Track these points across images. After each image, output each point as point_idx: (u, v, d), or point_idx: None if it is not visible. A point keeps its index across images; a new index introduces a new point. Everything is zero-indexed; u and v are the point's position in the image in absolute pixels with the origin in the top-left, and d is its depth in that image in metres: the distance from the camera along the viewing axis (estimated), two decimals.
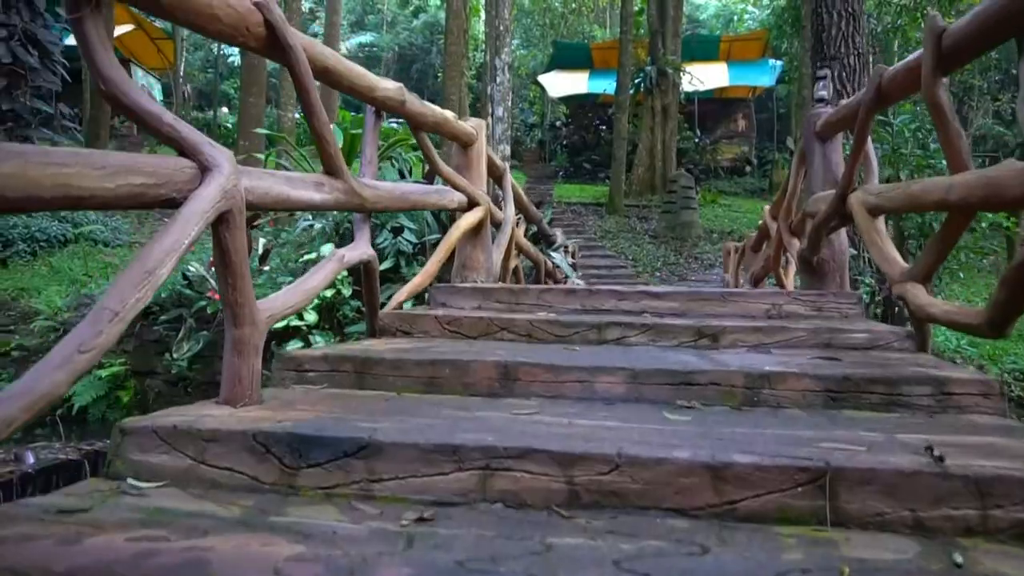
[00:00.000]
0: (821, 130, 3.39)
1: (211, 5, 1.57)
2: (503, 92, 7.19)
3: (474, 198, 3.50)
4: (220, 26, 1.64)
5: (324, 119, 2.03)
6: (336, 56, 2.20)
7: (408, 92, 2.77)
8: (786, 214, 4.12)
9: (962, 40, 1.84)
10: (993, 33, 1.71)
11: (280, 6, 10.35)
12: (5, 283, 6.35)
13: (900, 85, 2.33)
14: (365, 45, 33.54)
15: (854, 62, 6.48)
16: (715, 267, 10.69)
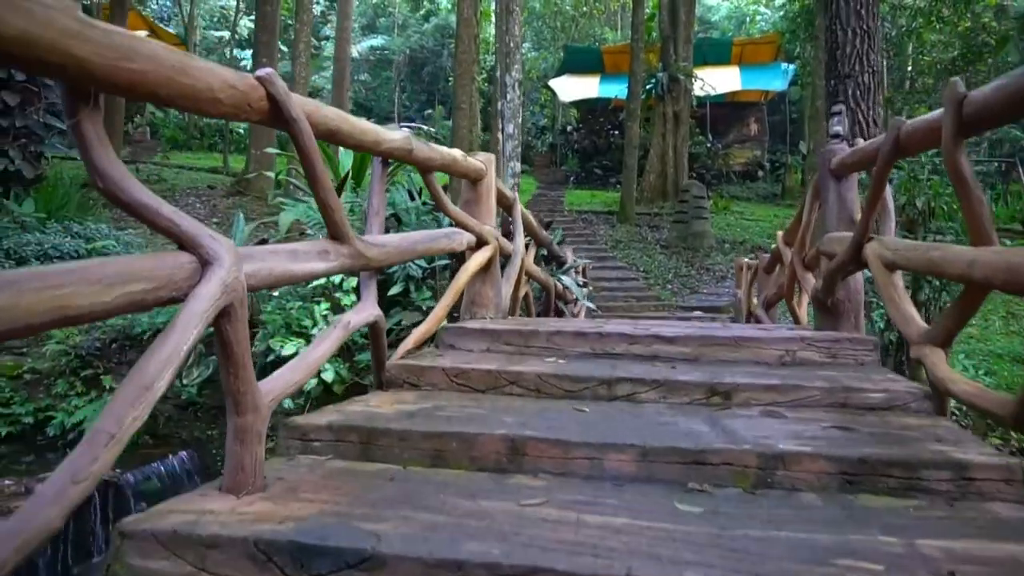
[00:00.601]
0: (836, 168, 3.33)
1: (212, 89, 1.54)
2: (513, 109, 7.15)
3: (483, 237, 3.46)
4: (222, 108, 1.62)
5: (328, 187, 2.00)
6: (340, 115, 2.17)
7: (414, 138, 2.74)
8: (800, 247, 4.06)
9: (984, 110, 1.78)
10: (1019, 108, 1.65)
11: (291, 11, 10.56)
12: None
13: (919, 141, 2.27)
14: (376, 48, 33.60)
15: (868, 80, 6.39)
16: (727, 279, 10.61)
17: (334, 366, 5.13)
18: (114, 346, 5.56)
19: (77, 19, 1.20)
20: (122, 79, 1.30)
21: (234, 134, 21.94)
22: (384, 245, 2.41)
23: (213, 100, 1.56)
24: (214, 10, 32.70)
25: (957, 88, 1.87)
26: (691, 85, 16.87)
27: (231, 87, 1.61)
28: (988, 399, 1.72)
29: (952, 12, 17.76)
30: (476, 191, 3.76)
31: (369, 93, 34.40)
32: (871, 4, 6.43)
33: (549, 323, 3.55)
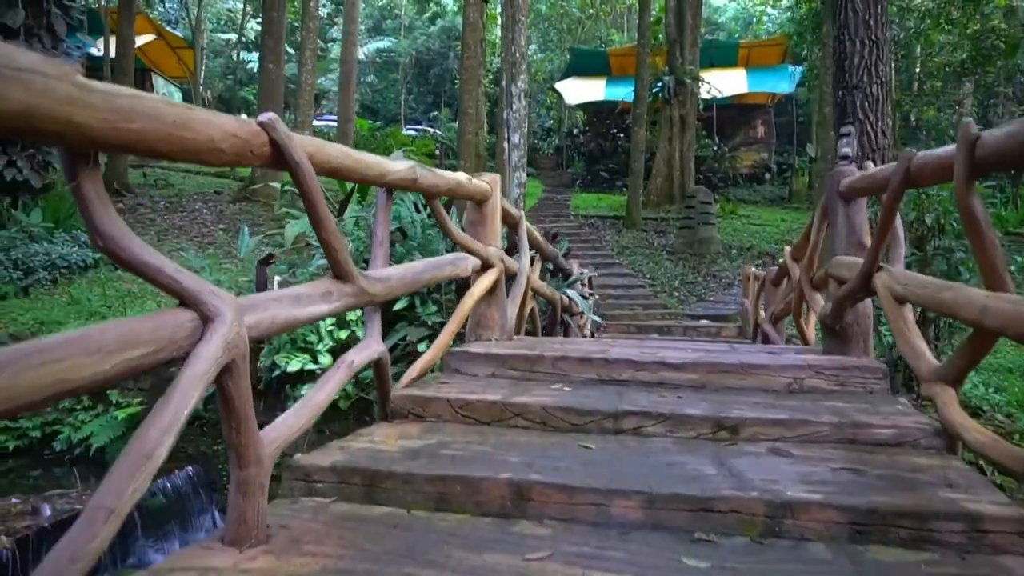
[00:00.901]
0: (845, 192, 3.30)
1: (213, 140, 1.53)
2: (519, 119, 7.13)
3: (488, 260, 3.45)
4: (224, 157, 1.60)
5: (332, 228, 1.99)
6: (343, 152, 2.15)
7: (419, 167, 2.72)
8: (808, 267, 4.03)
9: (996, 154, 1.75)
10: None
11: (298, 13, 10.55)
12: (26, 315, 6.40)
13: (929, 175, 2.24)
14: (383, 51, 33.65)
15: (877, 91, 6.34)
16: (733, 286, 10.56)
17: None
18: None
19: (76, 84, 1.18)
20: (122, 139, 1.28)
21: None
22: (388, 279, 2.39)
23: (215, 151, 1.54)
24: (221, 13, 32.80)
25: (970, 130, 1.84)
26: (697, 89, 16.82)
27: (233, 136, 1.59)
28: (1003, 452, 1.69)
29: (961, 14, 17.62)
30: (481, 212, 3.74)
31: (375, 95, 34.47)
32: (880, 14, 6.37)
33: (554, 346, 3.52)
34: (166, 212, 12.73)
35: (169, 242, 10.87)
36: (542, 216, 14.75)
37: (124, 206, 12.75)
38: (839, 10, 6.53)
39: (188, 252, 10.42)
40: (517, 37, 7.17)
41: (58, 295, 7.21)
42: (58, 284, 7.51)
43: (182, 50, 24.67)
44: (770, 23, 30.94)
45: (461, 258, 3.17)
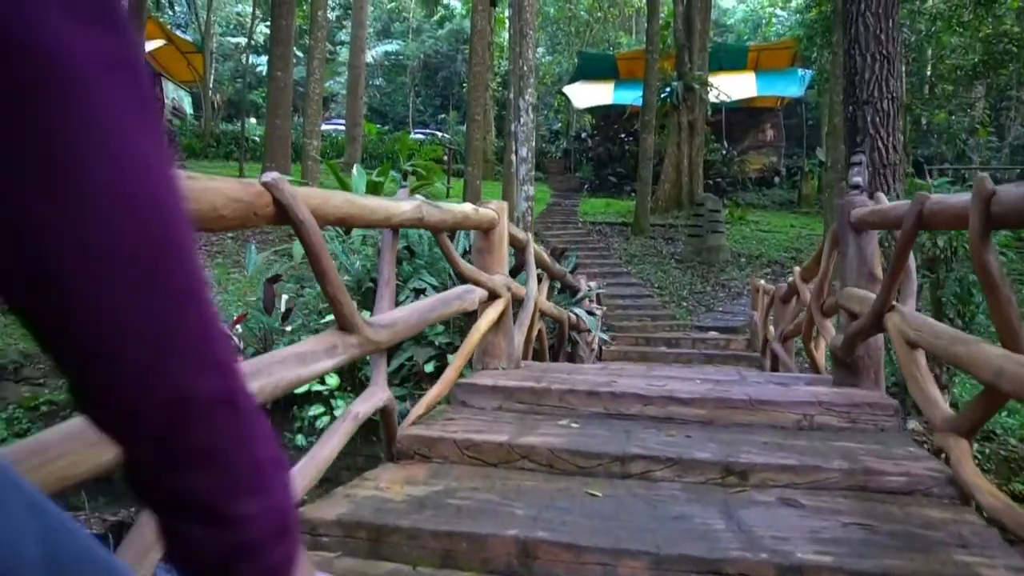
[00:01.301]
0: (856, 223, 3.26)
1: (216, 208, 1.52)
2: (527, 132, 7.11)
3: (495, 291, 3.43)
4: (227, 222, 1.60)
5: (336, 282, 1.98)
6: (348, 200, 2.15)
7: (425, 203, 2.70)
8: (818, 294, 3.99)
9: (1013, 212, 1.72)
10: None
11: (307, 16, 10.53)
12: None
13: (943, 222, 2.21)
14: (391, 54, 33.69)
15: (888, 106, 6.27)
16: (743, 295, 10.51)
17: (346, 400, 5.12)
18: None
19: None
20: None
21: (250, 142, 22.07)
22: (394, 324, 2.38)
23: (218, 218, 1.54)
24: (230, 17, 32.93)
25: (986, 185, 1.80)
26: (706, 95, 16.73)
27: (236, 201, 1.58)
28: (1016, 520, 1.66)
29: (973, 16, 17.47)
30: (488, 239, 3.73)
31: (384, 98, 34.52)
32: (891, 29, 6.31)
33: (561, 377, 3.50)
34: None
35: None
36: (550, 223, 14.72)
37: None
38: (850, 24, 6.47)
39: None
40: (525, 51, 7.16)
41: None
42: None
43: (191, 55, 24.79)
44: (779, 25, 30.78)
45: (468, 291, 3.16)
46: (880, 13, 6.30)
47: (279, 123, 13.66)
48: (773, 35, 30.93)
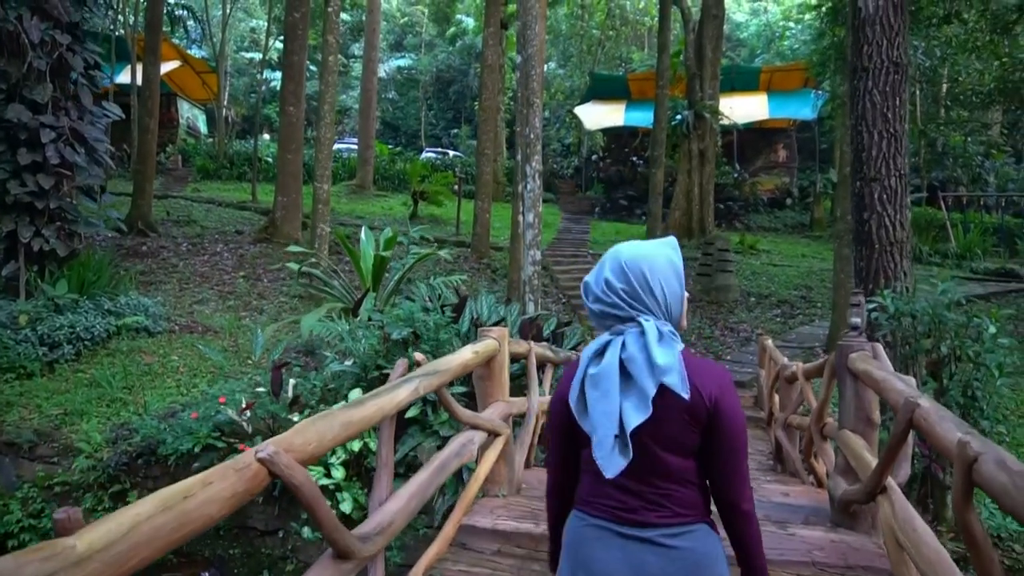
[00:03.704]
0: (853, 372, 3.28)
1: (213, 516, 1.57)
2: (534, 198, 7.14)
3: (495, 431, 3.48)
4: (223, 514, 1.65)
5: (334, 524, 2.03)
6: (346, 420, 2.19)
7: (423, 380, 2.74)
8: (818, 418, 4.01)
9: (987, 486, 1.74)
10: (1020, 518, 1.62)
11: (318, 35, 10.59)
12: (50, 401, 6.56)
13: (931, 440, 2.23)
14: (403, 68, 33.85)
15: (895, 183, 6.25)
16: (751, 341, 10.48)
17: (352, 494, 5.19)
18: (140, 461, 5.69)
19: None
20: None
21: (263, 163, 22.28)
22: (392, 523, 2.43)
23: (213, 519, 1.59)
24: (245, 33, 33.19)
25: (967, 451, 1.83)
26: (716, 124, 16.69)
27: (232, 497, 1.64)
28: None
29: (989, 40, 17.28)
30: (489, 367, 3.77)
31: (396, 112, 34.71)
32: (898, 107, 6.29)
33: None
34: (188, 255, 12.92)
35: (191, 291, 11.03)
36: (559, 256, 14.74)
37: (148, 249, 12.98)
38: (857, 101, 6.45)
39: (208, 305, 10.60)
40: (532, 119, 7.19)
41: (81, 371, 7.37)
42: (82, 357, 7.67)
43: (206, 74, 25.05)
44: (792, 39, 30.60)
45: (467, 443, 3.20)
46: (887, 91, 6.29)
47: (290, 157, 13.79)
48: (787, 49, 30.77)
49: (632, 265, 1.57)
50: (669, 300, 1.60)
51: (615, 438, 1.49)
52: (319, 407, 5.41)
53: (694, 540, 1.55)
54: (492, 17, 14.28)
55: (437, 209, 18.69)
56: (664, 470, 1.56)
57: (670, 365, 1.49)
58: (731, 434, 1.56)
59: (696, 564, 1.53)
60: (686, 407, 1.52)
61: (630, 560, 1.54)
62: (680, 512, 1.56)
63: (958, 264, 16.40)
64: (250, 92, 32.70)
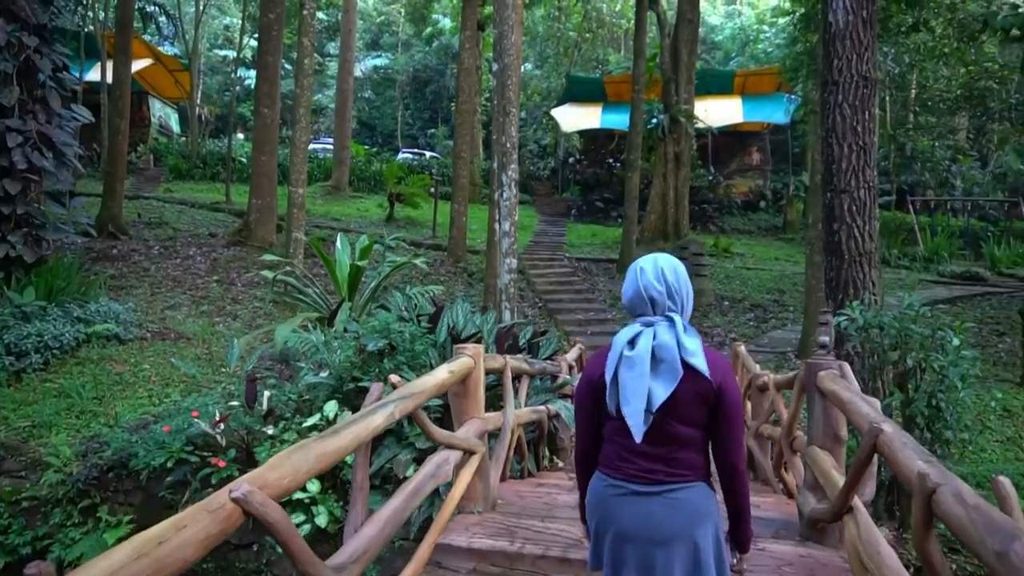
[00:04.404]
0: (821, 390, 3.35)
1: (187, 560, 1.58)
2: (510, 206, 7.16)
3: (470, 449, 3.50)
4: (201, 553, 1.65)
5: (310, 561, 2.03)
6: (321, 454, 2.19)
7: (399, 404, 2.75)
8: (787, 432, 4.09)
9: (944, 518, 1.81)
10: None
11: (293, 34, 10.51)
12: (17, 412, 6.44)
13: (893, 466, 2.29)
14: (380, 68, 33.64)
15: (864, 196, 6.38)
16: (725, 347, 10.61)
17: (327, 507, 5.17)
18: (111, 475, 5.61)
19: None
20: None
21: (236, 163, 21.99)
22: (367, 551, 2.44)
23: (188, 562, 1.59)
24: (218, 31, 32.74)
25: (927, 483, 1.89)
26: (691, 128, 16.85)
27: (207, 537, 1.64)
28: None
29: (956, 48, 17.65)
30: (465, 385, 3.79)
31: (373, 111, 34.50)
32: (867, 121, 6.41)
33: (536, 527, 3.57)
34: (160, 259, 12.73)
35: (163, 296, 10.87)
36: (536, 259, 14.77)
37: (118, 252, 12.76)
38: (827, 113, 6.57)
39: (181, 311, 10.45)
40: (508, 128, 7.21)
41: (50, 381, 7.24)
42: (50, 366, 7.54)
43: (178, 72, 24.67)
44: (766, 43, 30.99)
45: (441, 464, 3.21)
46: (857, 105, 6.41)
47: (265, 159, 13.66)
48: (761, 52, 31.14)
49: (680, 271, 2.04)
50: (688, 303, 2.05)
51: (645, 412, 1.88)
52: (294, 419, 5.38)
53: (693, 494, 1.95)
54: (469, 20, 14.27)
55: (414, 211, 18.62)
56: (677, 438, 1.95)
57: (696, 350, 1.92)
58: (731, 411, 1.97)
59: (693, 512, 1.94)
60: (698, 388, 1.93)
61: (640, 511, 1.94)
62: (684, 472, 1.96)
63: (926, 267, 16.75)
64: (224, 90, 32.29)
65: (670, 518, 1.91)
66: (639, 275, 2.02)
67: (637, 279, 2.02)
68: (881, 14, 12.57)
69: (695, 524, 1.92)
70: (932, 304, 12.48)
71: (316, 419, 5.27)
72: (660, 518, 1.91)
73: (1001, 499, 1.76)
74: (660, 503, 1.92)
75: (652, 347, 1.91)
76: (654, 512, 1.92)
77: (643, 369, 1.89)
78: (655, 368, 1.90)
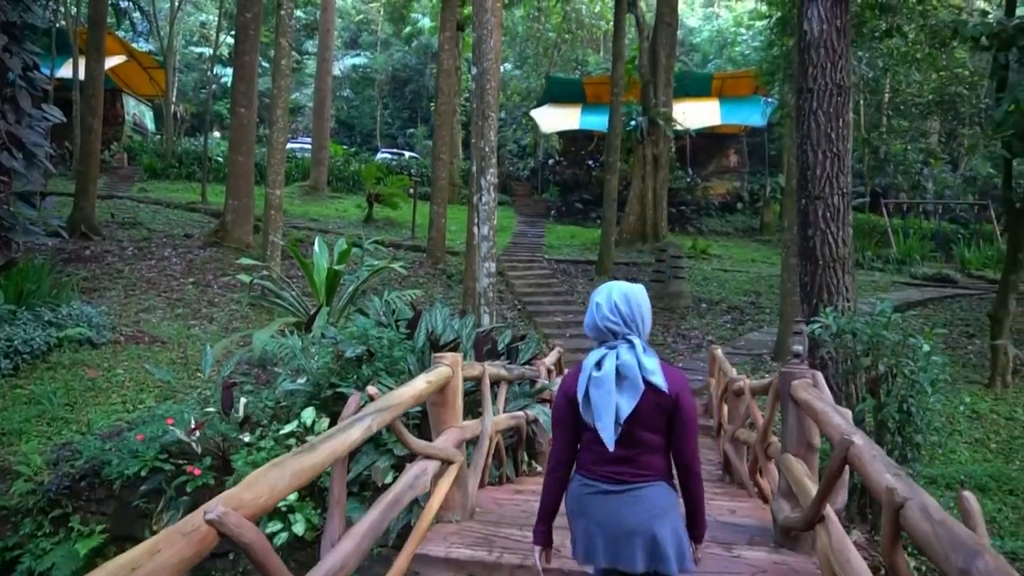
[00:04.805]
0: (794, 400, 3.41)
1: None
2: (489, 210, 7.17)
3: (448, 459, 3.50)
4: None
5: None
6: (297, 472, 2.18)
7: (375, 417, 2.74)
8: (762, 438, 4.15)
9: (913, 533, 1.85)
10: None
11: (271, 32, 10.43)
12: None
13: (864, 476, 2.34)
14: (359, 67, 33.43)
15: (838, 202, 6.48)
16: (702, 349, 10.72)
17: (304, 514, 5.14)
18: (83, 484, 5.53)
19: None
20: None
21: (213, 162, 21.74)
22: (343, 565, 2.43)
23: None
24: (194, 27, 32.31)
25: (895, 498, 1.93)
26: (670, 131, 16.98)
27: (181, 561, 1.63)
28: None
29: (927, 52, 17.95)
30: (443, 394, 3.79)
31: (351, 110, 34.27)
32: (841, 128, 6.51)
33: (514, 535, 3.58)
34: (134, 260, 12.54)
35: (137, 299, 10.72)
36: (515, 261, 14.79)
37: (91, 253, 12.56)
38: (802, 120, 6.66)
39: (155, 313, 10.31)
40: (486, 132, 7.21)
41: (20, 387, 7.11)
42: (20, 372, 7.40)
43: (153, 69, 24.32)
44: (743, 45, 31.30)
45: (420, 475, 3.21)
46: (831, 112, 6.50)
47: (241, 160, 13.50)
48: (738, 55, 31.45)
49: (632, 298, 2.27)
50: (644, 324, 2.28)
51: (615, 424, 2.16)
52: (271, 425, 5.34)
53: (653, 492, 2.23)
54: (448, 21, 14.25)
55: (393, 212, 18.55)
56: (642, 443, 2.22)
57: (655, 368, 2.19)
58: (687, 419, 2.23)
59: (651, 507, 2.20)
60: (659, 400, 2.18)
61: (609, 507, 2.22)
62: (647, 473, 2.23)
63: (898, 269, 17.04)
64: (200, 88, 31.89)
65: (633, 512, 2.19)
66: (595, 310, 2.28)
67: (594, 314, 2.28)
68: (856, 20, 12.78)
69: (654, 518, 2.18)
70: (905, 306, 12.71)
71: (293, 426, 5.23)
72: (625, 513, 2.19)
73: (965, 514, 1.80)
74: (625, 500, 2.20)
75: (616, 367, 2.18)
76: (620, 507, 2.20)
77: (610, 387, 2.17)
78: (620, 385, 2.17)
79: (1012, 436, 7.33)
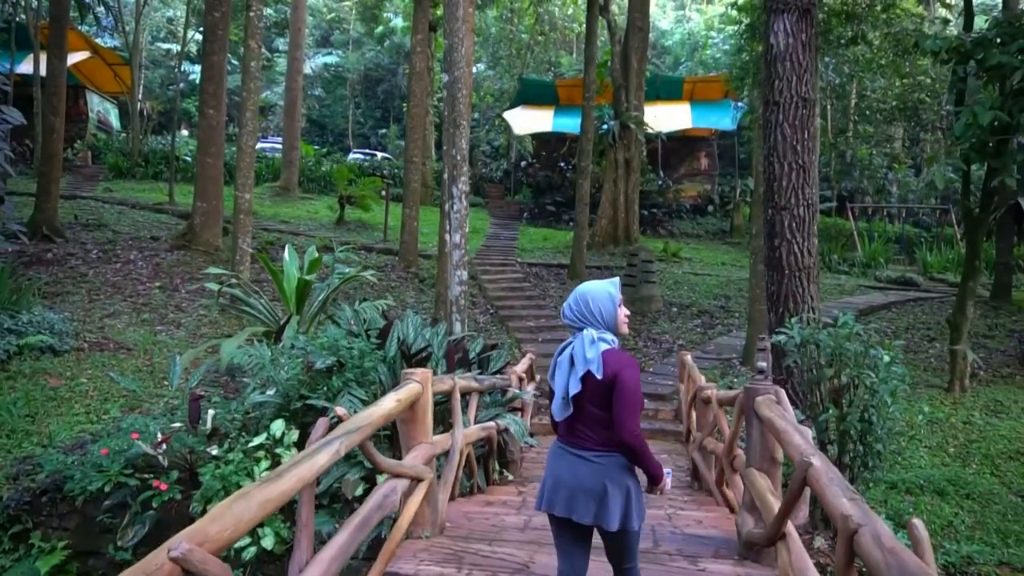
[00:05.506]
0: (758, 416, 3.47)
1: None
2: (460, 218, 7.17)
3: (418, 476, 3.51)
4: None
5: None
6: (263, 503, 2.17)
7: (344, 439, 2.74)
8: (728, 451, 4.22)
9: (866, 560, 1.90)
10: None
11: (240, 30, 10.30)
12: None
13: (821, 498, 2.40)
14: (330, 66, 33.11)
15: (804, 213, 6.62)
16: (672, 352, 10.84)
17: (273, 528, 5.10)
18: (44, 499, 5.41)
19: None
20: None
21: (181, 161, 21.38)
22: None
23: None
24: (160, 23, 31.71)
25: (849, 524, 1.99)
26: (641, 134, 17.13)
27: None
28: None
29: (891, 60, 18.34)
30: (413, 411, 3.79)
31: (323, 109, 33.94)
32: (807, 140, 6.64)
33: (483, 551, 3.60)
34: (99, 263, 12.29)
35: (101, 304, 10.51)
36: (487, 264, 14.79)
37: (53, 256, 12.28)
38: (769, 132, 6.78)
39: (121, 319, 10.12)
40: (458, 141, 7.21)
41: None
42: None
43: (118, 66, 23.81)
44: (714, 49, 31.67)
45: (389, 494, 3.22)
46: (797, 124, 6.63)
47: (210, 161, 13.30)
48: (709, 58, 31.83)
49: (582, 296, 2.70)
50: (605, 316, 2.69)
51: (563, 399, 2.66)
52: (240, 437, 5.28)
53: (608, 460, 2.64)
54: (420, 23, 14.19)
55: (365, 214, 18.42)
56: (593, 416, 2.64)
57: (593, 358, 2.59)
58: (621, 396, 2.58)
59: (604, 472, 2.62)
60: (600, 381, 2.58)
61: (572, 467, 2.67)
62: (602, 443, 2.64)
63: (864, 272, 17.41)
64: (167, 85, 31.31)
65: (589, 474, 2.62)
66: (563, 314, 2.79)
67: (563, 315, 2.79)
68: (822, 27, 13.03)
69: (606, 480, 2.60)
70: (869, 309, 13.00)
71: (262, 438, 5.19)
72: (583, 473, 2.63)
73: (915, 542, 1.87)
74: (584, 463, 2.64)
75: (570, 355, 2.67)
76: (579, 468, 2.64)
77: (564, 370, 2.68)
78: (572, 369, 2.65)
79: (969, 440, 7.55)
